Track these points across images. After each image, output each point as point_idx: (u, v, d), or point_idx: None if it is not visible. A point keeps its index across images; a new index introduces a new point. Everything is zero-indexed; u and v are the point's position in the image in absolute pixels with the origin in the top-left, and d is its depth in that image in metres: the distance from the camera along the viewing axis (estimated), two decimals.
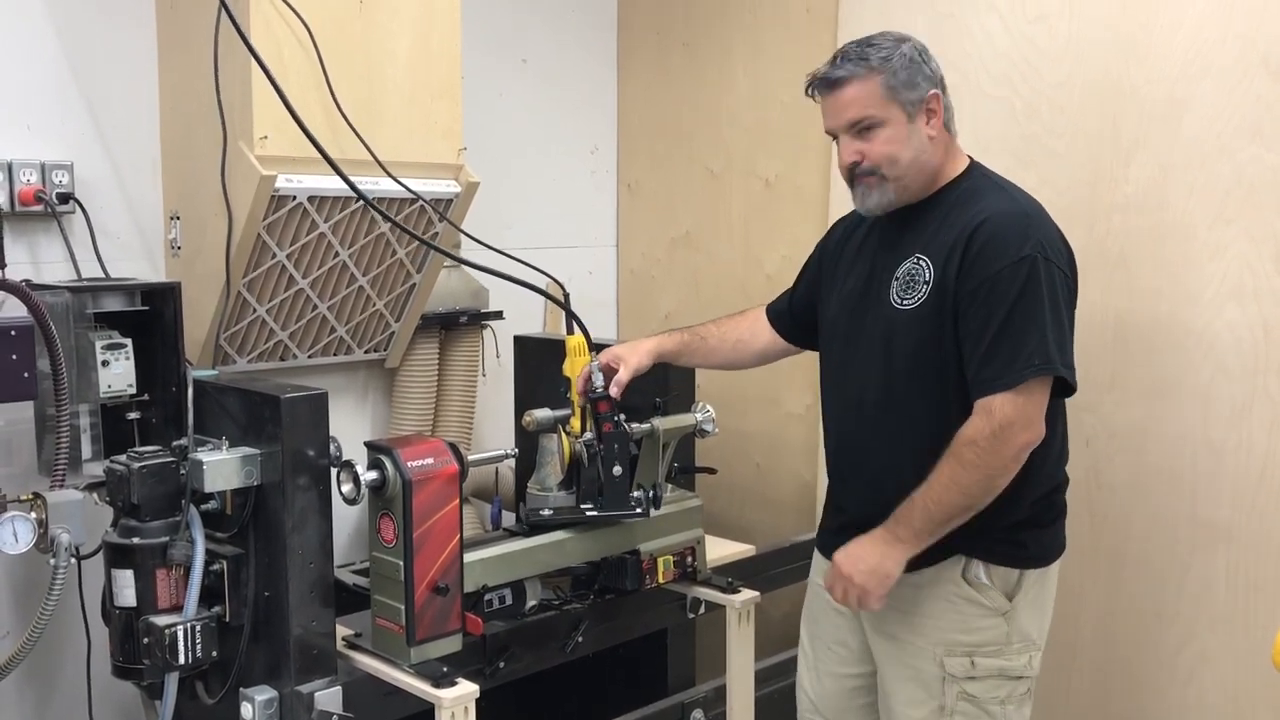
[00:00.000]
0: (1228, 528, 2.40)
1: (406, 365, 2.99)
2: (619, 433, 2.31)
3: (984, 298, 1.94)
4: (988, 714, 2.07)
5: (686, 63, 3.44)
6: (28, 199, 2.41)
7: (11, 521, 2.03)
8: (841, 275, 2.21)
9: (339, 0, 2.46)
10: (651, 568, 2.46)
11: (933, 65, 2.05)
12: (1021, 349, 1.91)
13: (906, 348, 2.03)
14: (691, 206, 3.48)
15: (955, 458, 1.93)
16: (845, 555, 2.03)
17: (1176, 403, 2.45)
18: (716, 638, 2.61)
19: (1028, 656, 2.08)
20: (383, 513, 2.11)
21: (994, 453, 1.91)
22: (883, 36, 2.05)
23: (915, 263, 2.04)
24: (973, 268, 1.95)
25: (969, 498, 1.94)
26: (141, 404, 2.36)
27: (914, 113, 2.01)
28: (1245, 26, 2.31)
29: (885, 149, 2.02)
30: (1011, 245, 1.94)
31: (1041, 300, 1.93)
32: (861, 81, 2.01)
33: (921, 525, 1.97)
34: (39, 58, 2.47)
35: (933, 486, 1.95)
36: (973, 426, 1.93)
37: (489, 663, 2.23)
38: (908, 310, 2.03)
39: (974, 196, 2.04)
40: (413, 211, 2.66)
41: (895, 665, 2.12)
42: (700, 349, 2.43)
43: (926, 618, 2.07)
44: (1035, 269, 1.93)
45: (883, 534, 2.00)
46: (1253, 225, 2.33)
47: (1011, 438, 1.91)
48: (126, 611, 2.06)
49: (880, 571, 1.99)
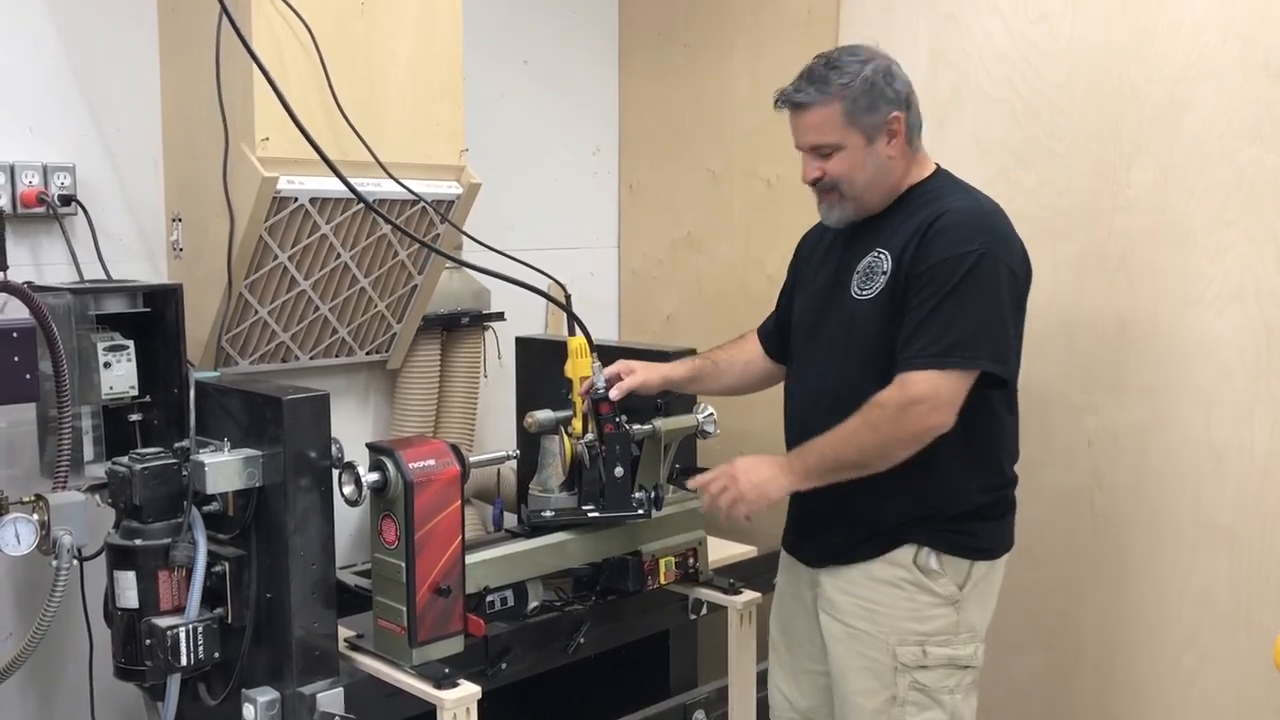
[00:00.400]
0: (1230, 530, 2.40)
1: (408, 367, 3.00)
2: (620, 434, 2.31)
3: (925, 281, 2.00)
4: (938, 703, 2.12)
5: (688, 64, 3.44)
6: (30, 201, 2.41)
7: (14, 523, 2.03)
8: (810, 277, 2.30)
9: (340, 2, 2.47)
10: (653, 569, 2.46)
11: (897, 85, 2.08)
12: (948, 334, 1.97)
13: (865, 337, 2.09)
14: (693, 207, 3.48)
15: (862, 415, 2.01)
16: (744, 462, 2.13)
17: (1178, 405, 2.45)
18: (718, 639, 2.61)
19: (974, 647, 2.14)
20: (384, 514, 2.11)
21: (896, 423, 1.99)
22: (850, 56, 2.09)
23: (875, 256, 2.11)
24: (924, 254, 2.02)
25: (863, 456, 2.02)
26: (143, 405, 2.35)
27: (874, 135, 2.07)
28: (1245, 28, 2.31)
29: (844, 170, 2.10)
30: (962, 237, 2.00)
31: (980, 292, 1.98)
32: (821, 108, 2.07)
33: (815, 465, 2.06)
34: (41, 60, 2.47)
35: (836, 434, 2.04)
36: (886, 392, 2.00)
37: (491, 664, 2.24)
38: (866, 300, 2.09)
39: (938, 196, 2.10)
40: (415, 213, 2.66)
41: (849, 655, 2.16)
42: (712, 374, 2.48)
43: (881, 607, 2.11)
44: (980, 262, 1.98)
45: (782, 460, 2.11)
46: (1254, 227, 2.33)
47: (918, 416, 1.98)
48: (129, 613, 2.06)
49: (764, 489, 2.10)
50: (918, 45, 2.82)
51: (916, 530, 2.09)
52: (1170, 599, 2.50)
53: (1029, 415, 2.65)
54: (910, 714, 2.11)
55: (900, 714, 2.11)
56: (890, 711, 2.12)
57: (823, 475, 2.06)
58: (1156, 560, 2.51)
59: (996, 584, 2.19)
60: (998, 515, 2.17)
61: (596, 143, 3.62)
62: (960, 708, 2.14)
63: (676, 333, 3.47)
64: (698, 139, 3.44)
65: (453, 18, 2.67)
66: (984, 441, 2.10)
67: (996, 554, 2.17)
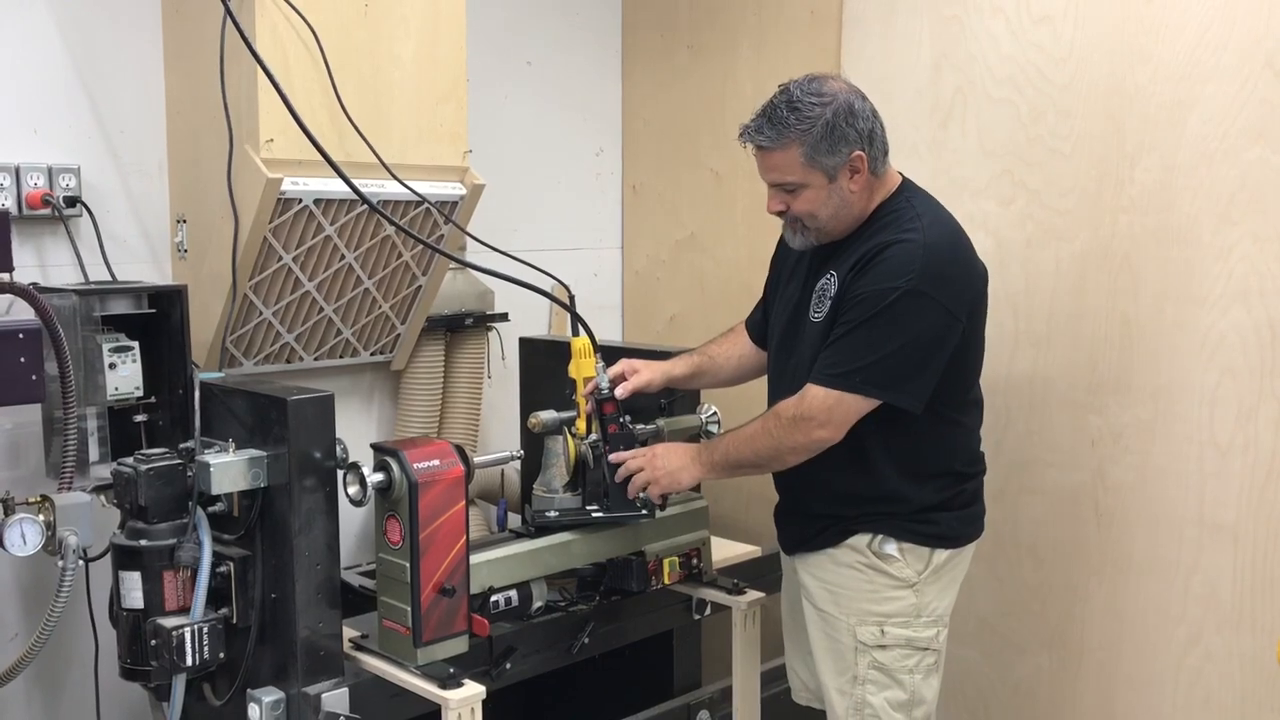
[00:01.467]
0: (1234, 528, 2.40)
1: (412, 367, 3.00)
2: (624, 434, 2.32)
3: (850, 307, 2.09)
4: (897, 682, 2.19)
5: (691, 65, 3.44)
6: (35, 202, 2.42)
7: (19, 524, 2.03)
8: (782, 285, 2.36)
9: (344, 4, 2.47)
10: (657, 569, 2.46)
11: (859, 124, 2.09)
12: (853, 360, 2.06)
13: (815, 356, 2.16)
14: (696, 208, 3.48)
15: (762, 420, 2.16)
16: (663, 449, 2.26)
17: (1182, 404, 2.45)
18: (722, 639, 2.62)
19: (935, 630, 2.21)
20: (389, 514, 2.12)
21: (788, 432, 2.11)
22: (812, 97, 2.08)
23: (828, 279, 2.18)
24: (858, 282, 2.09)
25: (759, 457, 2.18)
26: (148, 406, 2.36)
27: (835, 174, 2.11)
28: (1249, 28, 2.31)
29: (805, 208, 2.15)
30: (894, 271, 2.05)
31: (894, 328, 2.04)
32: (781, 151, 2.11)
33: (720, 460, 2.22)
34: (46, 62, 2.47)
35: (739, 434, 2.19)
36: (787, 402, 2.13)
37: (495, 664, 2.23)
38: (817, 322, 2.18)
39: (892, 224, 2.14)
40: (419, 214, 2.66)
41: (819, 636, 2.27)
42: (710, 369, 2.53)
43: (841, 589, 2.22)
44: (899, 300, 2.04)
45: (695, 451, 2.26)
46: (1259, 227, 2.33)
47: (809, 429, 2.09)
48: (134, 613, 2.07)
49: (673, 476, 2.24)
50: (921, 47, 2.83)
51: (875, 520, 2.19)
52: (1173, 598, 2.50)
53: (1032, 415, 2.66)
54: (870, 692, 2.19)
55: (861, 693, 2.19)
56: (853, 691, 2.20)
57: (727, 470, 2.22)
58: (1160, 559, 2.51)
59: (962, 570, 2.28)
60: (960, 507, 2.24)
61: (600, 144, 3.63)
62: (920, 687, 2.20)
63: (680, 333, 3.48)
64: (701, 140, 3.44)
65: (456, 20, 2.68)
66: (931, 448, 2.19)
67: (960, 542, 2.24)
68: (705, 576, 2.57)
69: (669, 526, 2.50)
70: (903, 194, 2.20)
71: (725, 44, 3.34)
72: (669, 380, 2.44)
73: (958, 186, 2.74)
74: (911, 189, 2.22)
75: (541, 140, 3.45)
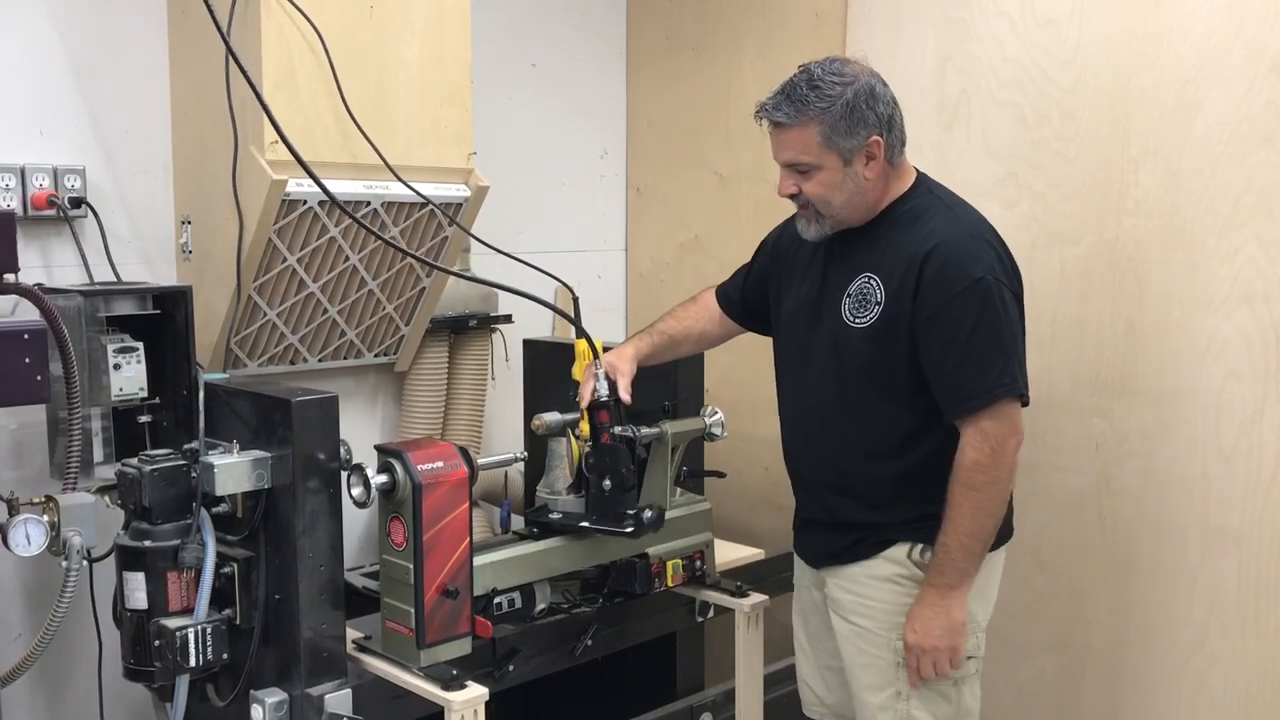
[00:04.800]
0: (1238, 533, 2.39)
1: (416, 369, 3.00)
2: (612, 446, 2.27)
3: (942, 325, 2.01)
4: (941, 695, 2.13)
5: (696, 67, 3.44)
6: (40, 203, 2.42)
7: (24, 524, 2.04)
8: (795, 282, 2.27)
9: (350, 6, 2.47)
10: (660, 571, 2.46)
11: (879, 108, 2.05)
12: (990, 370, 2.00)
13: (859, 363, 2.11)
14: (701, 211, 3.48)
15: (969, 486, 2.02)
16: (913, 632, 2.08)
17: (1187, 408, 2.45)
18: (725, 641, 2.61)
19: (975, 638, 2.14)
20: (393, 516, 2.12)
21: (998, 466, 2.02)
22: (833, 76, 2.04)
23: (867, 281, 2.10)
24: (927, 296, 2.02)
25: (995, 516, 2.05)
26: (153, 407, 2.36)
27: (851, 158, 2.05)
28: (1255, 32, 2.31)
29: (819, 191, 2.09)
30: (963, 269, 2.01)
31: (999, 322, 2.01)
32: (799, 129, 2.06)
33: (965, 562, 2.05)
34: (51, 63, 2.48)
35: (958, 523, 2.03)
36: (972, 450, 2.01)
37: (498, 666, 2.24)
38: (860, 328, 2.10)
39: (921, 217, 2.09)
40: (423, 215, 2.66)
41: (855, 652, 2.18)
42: (669, 346, 2.47)
43: (879, 603, 2.14)
44: (989, 292, 2.00)
45: (933, 593, 2.07)
46: (1264, 230, 2.32)
47: (1007, 448, 2.02)
48: (138, 614, 2.07)
49: (954, 625, 2.06)
50: (925, 49, 2.82)
51: (912, 529, 2.12)
52: (1178, 602, 2.49)
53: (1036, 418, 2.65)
54: (915, 707, 2.13)
55: (906, 708, 2.13)
56: (897, 706, 2.13)
57: (977, 563, 2.07)
58: (1164, 563, 2.51)
59: (997, 575, 2.22)
60: None
61: (604, 146, 3.63)
62: (965, 698, 2.16)
63: None
64: (705, 142, 3.44)
65: (461, 21, 2.68)
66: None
67: (994, 546, 2.16)
68: (708, 579, 2.57)
69: (673, 529, 2.50)
70: (923, 187, 2.16)
71: (730, 46, 3.34)
72: (641, 362, 2.39)
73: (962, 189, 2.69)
74: (931, 182, 2.18)
75: (546, 142, 3.45)
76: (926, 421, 2.08)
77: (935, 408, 2.06)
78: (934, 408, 2.06)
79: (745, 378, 3.22)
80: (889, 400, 2.10)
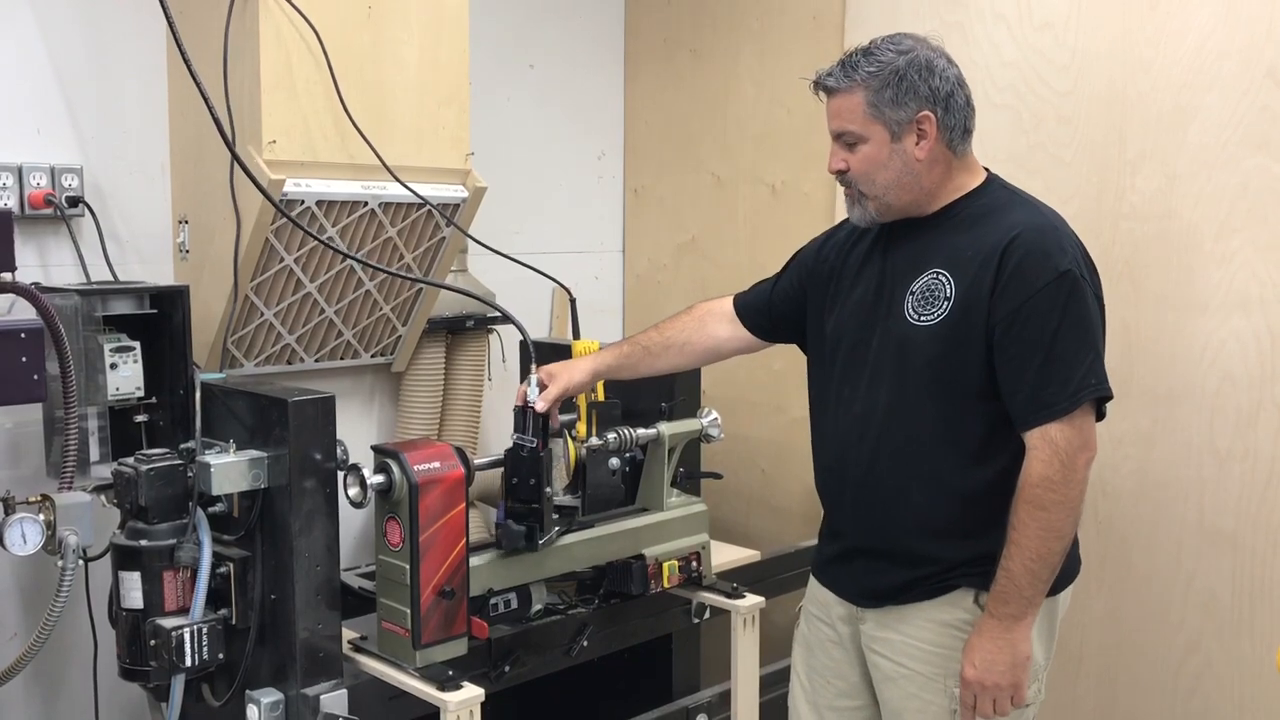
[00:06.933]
0: (1233, 536, 2.40)
1: (413, 369, 3.00)
2: (535, 451, 2.19)
3: (1026, 320, 1.85)
4: None
5: (693, 69, 3.45)
6: (37, 202, 2.42)
7: (20, 523, 2.03)
8: (846, 289, 2.10)
9: (348, 7, 2.47)
10: (657, 572, 2.46)
11: (934, 82, 1.92)
12: (1074, 373, 1.84)
13: (921, 364, 1.93)
14: (698, 212, 3.48)
15: (1035, 505, 1.83)
16: (973, 668, 1.90)
17: (1182, 411, 2.46)
18: (721, 643, 2.61)
19: (1036, 685, 1.99)
20: (389, 516, 2.12)
21: (1068, 483, 1.84)
22: (890, 45, 1.94)
23: (934, 277, 1.94)
24: (1009, 286, 1.86)
25: (1064, 539, 1.86)
26: (149, 407, 2.36)
27: (900, 132, 1.92)
28: (1251, 37, 2.32)
29: (863, 166, 1.96)
30: (1049, 260, 1.86)
31: (1087, 318, 1.86)
32: (845, 95, 1.94)
33: (1031, 590, 1.86)
34: (49, 62, 2.48)
35: (1024, 546, 1.84)
36: (1040, 464, 1.83)
37: (494, 666, 2.24)
38: (926, 326, 1.93)
39: (996, 211, 1.95)
40: (420, 216, 2.66)
41: (904, 697, 2.02)
42: (642, 359, 2.31)
43: (936, 648, 1.98)
44: (1076, 285, 1.86)
45: (995, 624, 1.88)
46: (1259, 234, 2.33)
47: (1079, 463, 1.84)
48: (133, 613, 2.07)
49: (1018, 660, 1.88)
50: None
51: (977, 574, 1.93)
52: (1173, 605, 2.50)
53: None
54: None
55: None
56: None
57: (1044, 590, 1.88)
58: (1159, 566, 2.51)
59: (1062, 612, 2.05)
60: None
61: (602, 147, 3.63)
62: None
63: None
64: (703, 144, 3.44)
65: (459, 22, 2.68)
66: None
67: (1059, 588, 1.98)
68: (705, 580, 2.57)
69: (669, 530, 2.50)
70: (997, 183, 2.01)
71: (728, 48, 3.34)
72: (595, 376, 2.27)
73: None
74: (1004, 182, 2.03)
75: (543, 143, 3.45)
76: (995, 434, 1.90)
77: (1006, 418, 1.88)
78: (1004, 418, 1.88)
79: (743, 379, 3.22)
80: (954, 407, 1.92)
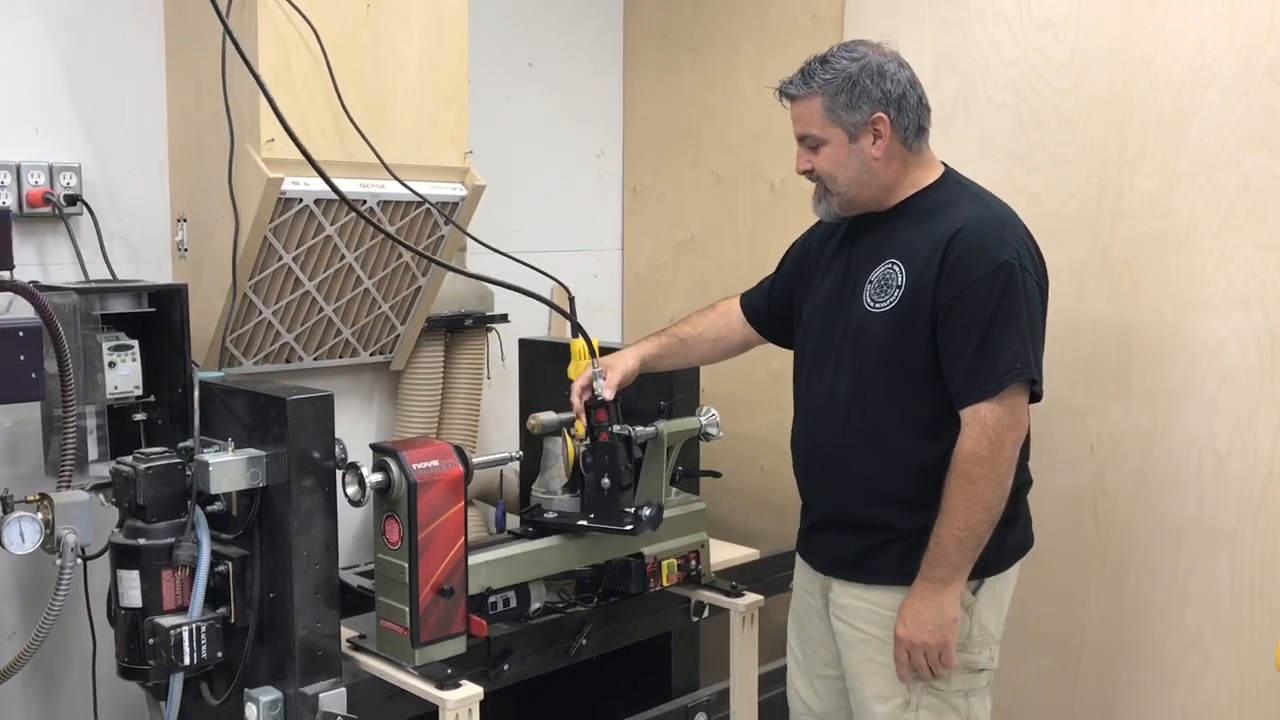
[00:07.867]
0: (1232, 534, 2.40)
1: (412, 368, 3.00)
2: (610, 445, 2.28)
3: (964, 307, 1.99)
4: (951, 707, 2.10)
5: (692, 67, 3.44)
6: (36, 201, 2.42)
7: (18, 522, 2.03)
8: (819, 277, 2.26)
9: (347, 6, 2.47)
10: (656, 571, 2.46)
11: (886, 85, 2.05)
12: (1003, 356, 1.97)
13: (876, 348, 2.08)
14: (697, 210, 3.48)
15: (964, 478, 1.98)
16: (904, 626, 2.04)
17: (1182, 409, 2.45)
18: (720, 641, 2.61)
19: (989, 650, 2.13)
20: (388, 515, 2.11)
21: (995, 459, 1.98)
22: (845, 53, 2.08)
23: (890, 267, 2.08)
24: (951, 275, 2.00)
25: (990, 510, 1.99)
26: (148, 405, 2.36)
27: (856, 134, 2.07)
28: (1251, 36, 2.31)
29: (825, 166, 2.11)
30: (988, 252, 1.99)
31: (1020, 307, 1.99)
32: (805, 101, 2.10)
33: (958, 556, 2.00)
34: (47, 60, 2.47)
35: (953, 515, 1.99)
36: (970, 441, 1.98)
37: (493, 665, 2.24)
38: (880, 313, 2.07)
39: (948, 205, 2.08)
40: (419, 214, 2.66)
41: (862, 660, 2.14)
42: (679, 351, 2.47)
43: (891, 611, 2.08)
44: (1013, 276, 1.98)
45: (925, 586, 2.02)
46: (1259, 233, 2.33)
47: (1007, 441, 1.98)
48: (132, 612, 2.07)
49: (945, 621, 2.02)
50: (922, 51, 2.82)
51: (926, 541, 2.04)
52: (1172, 604, 2.50)
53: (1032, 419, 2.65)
54: (924, 718, 2.09)
55: (914, 718, 2.10)
56: (904, 716, 2.10)
57: (971, 558, 2.01)
58: (1159, 565, 2.51)
59: (1011, 585, 2.18)
60: (1010, 520, 2.10)
61: (601, 145, 3.63)
62: (976, 710, 2.13)
63: None
64: (702, 142, 3.44)
65: (458, 20, 2.68)
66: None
67: (1008, 564, 2.14)
68: (704, 579, 2.57)
69: (668, 529, 2.50)
70: (951, 179, 2.15)
71: (727, 46, 3.34)
72: (643, 365, 2.39)
73: None
74: (959, 176, 2.17)
75: (543, 141, 3.45)
76: (946, 412, 2.03)
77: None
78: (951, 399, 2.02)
79: (741, 378, 3.22)
80: (906, 388, 2.06)
